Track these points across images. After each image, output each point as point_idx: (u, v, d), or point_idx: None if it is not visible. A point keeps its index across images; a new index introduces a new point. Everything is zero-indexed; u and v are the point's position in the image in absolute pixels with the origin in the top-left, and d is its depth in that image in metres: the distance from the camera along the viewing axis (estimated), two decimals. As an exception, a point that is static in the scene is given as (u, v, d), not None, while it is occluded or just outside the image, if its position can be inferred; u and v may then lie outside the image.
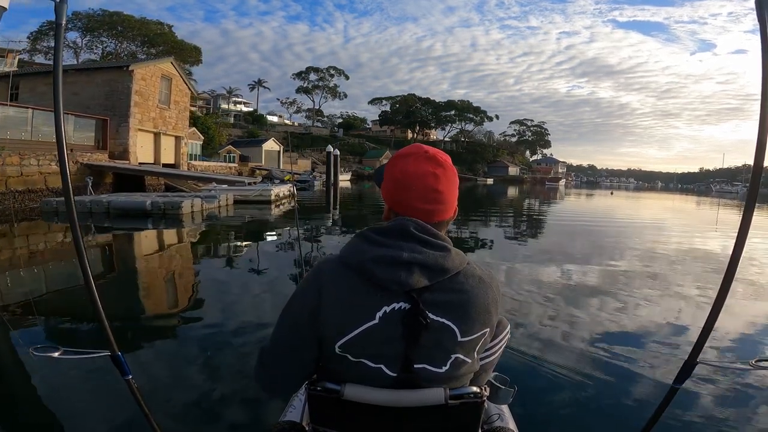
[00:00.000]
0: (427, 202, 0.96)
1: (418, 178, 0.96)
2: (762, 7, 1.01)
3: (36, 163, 14.25)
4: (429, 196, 0.96)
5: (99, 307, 1.18)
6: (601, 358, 3.22)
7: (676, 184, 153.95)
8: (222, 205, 13.81)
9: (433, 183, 0.96)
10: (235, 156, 40.64)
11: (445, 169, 0.99)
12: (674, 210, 24.98)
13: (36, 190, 14.13)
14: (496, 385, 1.25)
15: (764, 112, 1.02)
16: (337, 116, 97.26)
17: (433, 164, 0.98)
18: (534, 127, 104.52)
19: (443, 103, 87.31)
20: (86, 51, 46.90)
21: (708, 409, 2.51)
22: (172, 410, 2.38)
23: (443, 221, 1.00)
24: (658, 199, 39.27)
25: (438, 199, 0.97)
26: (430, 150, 1.01)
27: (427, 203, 0.96)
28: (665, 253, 8.33)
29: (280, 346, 0.99)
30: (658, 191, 71.32)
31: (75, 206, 1.19)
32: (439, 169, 0.98)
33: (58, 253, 7.33)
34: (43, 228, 9.84)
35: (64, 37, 1.12)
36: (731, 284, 1.12)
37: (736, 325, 4.00)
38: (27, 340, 3.26)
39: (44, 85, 20.18)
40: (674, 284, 5.68)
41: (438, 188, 0.96)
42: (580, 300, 4.77)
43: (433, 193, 0.96)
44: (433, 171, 0.97)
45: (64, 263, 6.41)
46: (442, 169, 0.98)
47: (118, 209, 11.33)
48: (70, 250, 6.92)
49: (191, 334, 3.61)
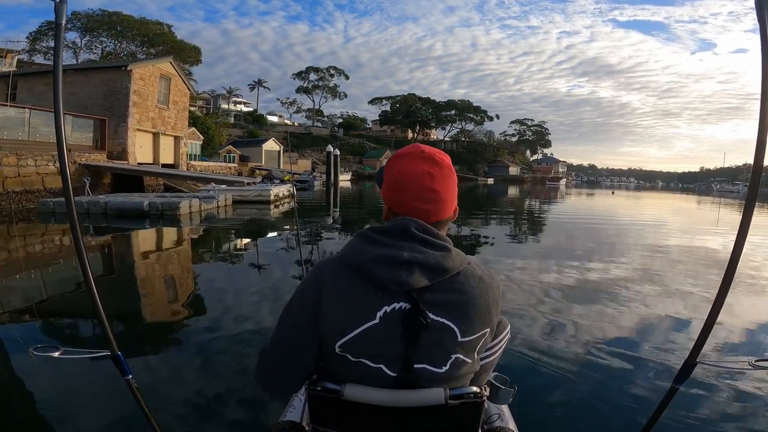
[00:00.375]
0: (425, 201, 0.96)
1: (415, 178, 0.97)
2: (762, 7, 1.00)
3: (33, 163, 14.23)
4: (426, 196, 0.96)
5: (99, 307, 1.18)
6: (601, 358, 3.22)
7: (677, 183, 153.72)
8: (221, 206, 13.80)
9: (429, 182, 0.96)
10: (235, 156, 40.61)
11: (442, 168, 0.99)
12: (676, 209, 24.99)
13: (33, 190, 14.11)
14: (496, 385, 1.25)
15: (764, 112, 1.03)
16: (337, 116, 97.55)
17: (429, 164, 0.98)
18: (534, 127, 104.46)
19: (443, 102, 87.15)
20: (86, 51, 46.98)
21: (708, 409, 2.51)
22: (172, 410, 2.38)
23: (442, 221, 1.00)
24: (660, 198, 39.21)
25: (435, 199, 0.97)
26: (427, 149, 1.00)
27: (425, 203, 0.96)
28: (665, 252, 8.30)
29: (280, 346, 0.99)
30: (658, 191, 71.29)
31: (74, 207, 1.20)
32: (435, 168, 0.98)
33: (56, 254, 7.31)
34: (41, 229, 9.79)
35: (64, 37, 1.12)
36: (731, 284, 1.12)
37: (736, 325, 4.00)
38: (27, 340, 3.26)
39: (42, 85, 20.15)
40: (674, 284, 5.67)
41: (434, 187, 0.96)
42: (580, 300, 4.77)
43: (430, 192, 0.96)
44: (429, 170, 0.97)
45: (63, 264, 6.42)
46: (439, 168, 0.98)
47: (115, 210, 11.31)
48: (68, 251, 7.00)
49: (191, 334, 3.61)
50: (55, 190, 15.00)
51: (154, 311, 4.47)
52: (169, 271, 6.25)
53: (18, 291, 5.00)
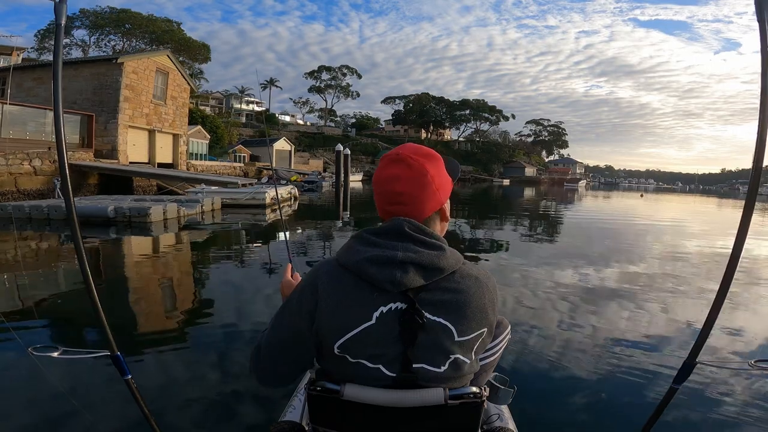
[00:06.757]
0: (392, 204, 0.98)
1: (384, 183, 0.99)
2: (762, 7, 1.01)
3: (5, 162, 12.86)
4: (393, 199, 0.97)
5: (98, 307, 1.19)
6: (601, 358, 3.21)
7: (697, 185, 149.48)
8: (206, 210, 12.14)
9: (395, 186, 0.97)
10: (245, 156, 39.45)
11: (411, 170, 0.97)
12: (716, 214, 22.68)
13: (4, 192, 12.74)
14: (496, 385, 1.27)
15: (764, 112, 1.03)
16: (350, 116, 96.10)
17: (399, 167, 0.97)
18: (551, 127, 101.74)
19: (458, 102, 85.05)
20: (95, 48, 46.52)
21: (707, 410, 2.50)
22: (172, 410, 2.39)
23: (427, 218, 0.98)
24: (695, 202, 36.29)
25: (401, 201, 0.97)
26: (404, 151, 0.99)
27: (393, 205, 0.98)
28: (682, 256, 7.99)
29: (275, 345, 1.00)
30: (678, 193, 68.37)
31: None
32: (403, 170, 0.97)
33: (50, 258, 6.88)
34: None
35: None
36: (731, 284, 1.13)
37: (736, 326, 3.99)
38: (26, 340, 3.22)
39: (32, 80, 19.09)
40: (675, 284, 5.67)
41: (399, 190, 0.97)
42: (580, 300, 4.77)
43: (396, 195, 0.97)
44: (396, 174, 0.97)
45: (62, 265, 6.25)
46: (407, 169, 0.97)
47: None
48: (61, 255, 6.88)
49: (190, 335, 3.63)
50: (30, 192, 13.64)
51: (154, 312, 4.42)
52: (167, 275, 6.10)
53: (17, 291, 4.90)
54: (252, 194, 14.15)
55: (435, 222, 1.01)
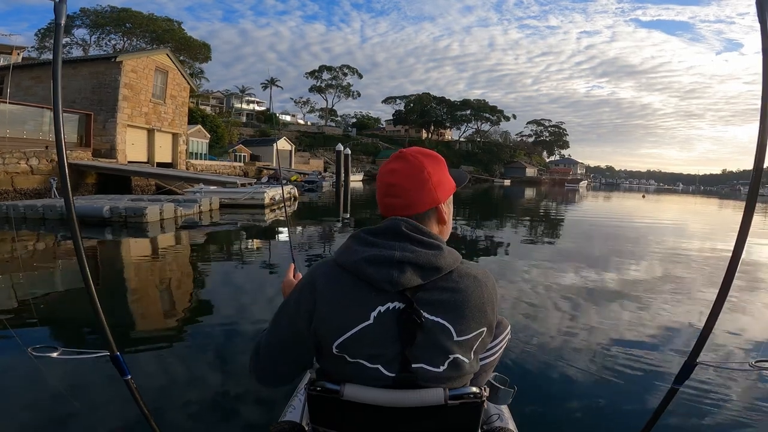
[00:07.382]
0: (387, 195, 0.99)
1: (381, 176, 1.01)
2: (762, 7, 1.02)
3: (1, 161, 12.84)
4: (387, 191, 0.99)
5: (98, 307, 1.19)
6: (601, 358, 3.20)
7: (699, 186, 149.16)
8: (204, 211, 12.08)
9: (390, 178, 0.99)
10: (245, 155, 39.38)
11: (407, 163, 0.99)
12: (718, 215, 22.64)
13: (0, 191, 12.71)
14: (496, 385, 1.26)
15: (766, 113, 1.04)
16: (350, 116, 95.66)
17: (397, 162, 1.00)
18: (552, 128, 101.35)
19: (458, 102, 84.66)
20: (95, 47, 46.41)
21: (708, 410, 2.49)
22: (171, 410, 2.38)
23: (413, 215, 0.98)
24: (697, 203, 36.10)
25: (395, 193, 0.98)
26: (406, 150, 1.02)
27: (387, 197, 0.99)
28: (682, 257, 8.00)
29: (275, 345, 1.00)
30: (679, 194, 68.18)
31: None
32: (400, 164, 0.99)
33: (47, 258, 6.83)
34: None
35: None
36: (731, 285, 1.13)
37: (737, 326, 3.98)
38: (25, 340, 3.22)
39: (30, 79, 19.02)
40: (676, 285, 5.67)
41: (393, 182, 0.98)
42: (580, 300, 4.75)
43: (390, 187, 0.99)
44: (394, 168, 0.99)
45: (60, 265, 6.21)
46: (404, 163, 0.99)
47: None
48: (58, 255, 6.88)
49: (189, 335, 3.61)
50: (26, 191, 13.62)
51: (153, 313, 4.39)
52: (165, 275, 6.06)
53: (16, 291, 4.85)
54: (251, 194, 14.12)
55: (431, 221, 1.00)
